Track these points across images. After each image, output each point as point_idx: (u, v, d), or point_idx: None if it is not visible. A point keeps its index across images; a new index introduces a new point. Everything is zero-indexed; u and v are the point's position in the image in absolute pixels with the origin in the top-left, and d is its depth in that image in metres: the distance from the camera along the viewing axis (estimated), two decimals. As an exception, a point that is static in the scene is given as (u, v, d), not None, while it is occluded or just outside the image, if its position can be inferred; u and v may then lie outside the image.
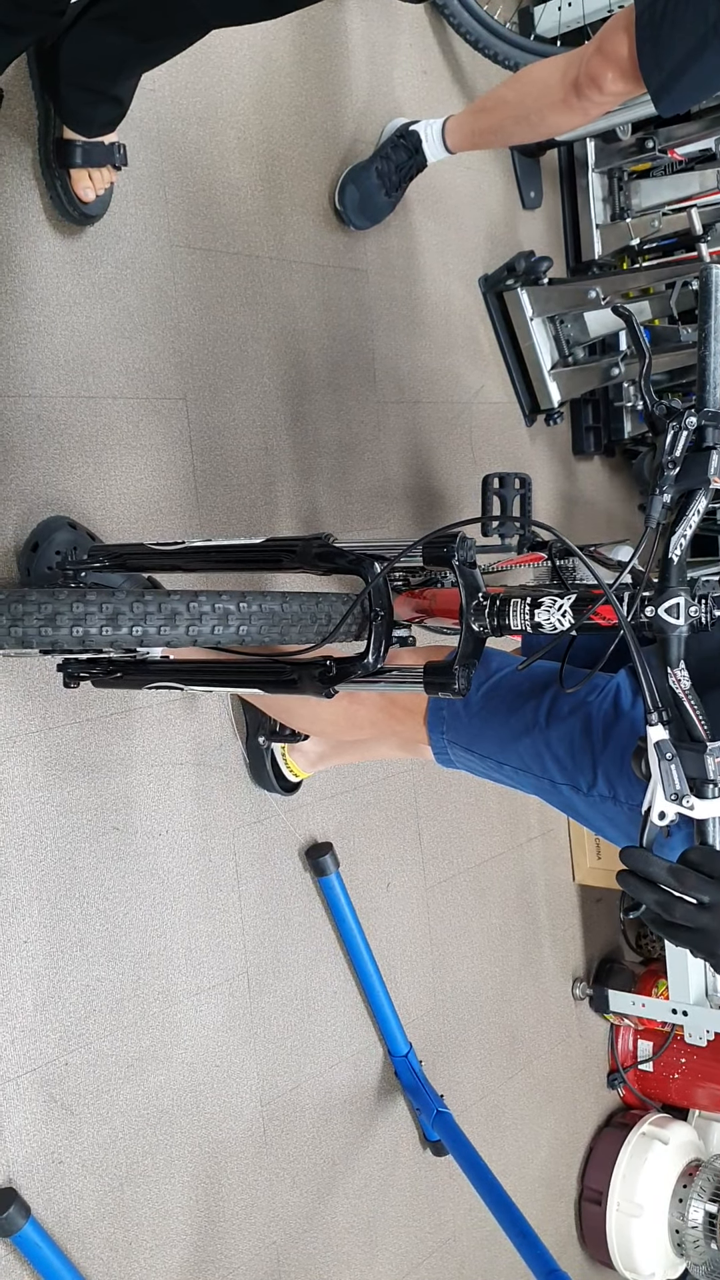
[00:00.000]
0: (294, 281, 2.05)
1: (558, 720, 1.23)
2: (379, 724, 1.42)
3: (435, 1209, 2.36)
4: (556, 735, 1.23)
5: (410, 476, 2.33)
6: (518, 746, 1.27)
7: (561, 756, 1.22)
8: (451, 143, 2.11)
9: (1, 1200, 1.53)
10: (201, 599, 1.09)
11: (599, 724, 1.19)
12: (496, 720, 1.29)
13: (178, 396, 1.83)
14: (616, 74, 1.71)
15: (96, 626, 1.05)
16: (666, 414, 0.99)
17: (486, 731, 1.30)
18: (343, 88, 2.16)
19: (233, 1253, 1.90)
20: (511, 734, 1.27)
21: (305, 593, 1.19)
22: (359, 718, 1.43)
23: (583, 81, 1.77)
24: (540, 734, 1.24)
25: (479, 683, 1.32)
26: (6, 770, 1.58)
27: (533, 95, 1.89)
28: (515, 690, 1.29)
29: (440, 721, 1.34)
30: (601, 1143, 2.88)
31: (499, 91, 1.99)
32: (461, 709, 1.33)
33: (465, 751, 1.33)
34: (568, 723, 1.22)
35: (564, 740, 1.22)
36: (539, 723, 1.25)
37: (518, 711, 1.27)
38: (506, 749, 1.28)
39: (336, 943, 2.12)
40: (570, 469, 2.88)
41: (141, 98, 1.63)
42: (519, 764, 1.27)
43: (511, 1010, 2.62)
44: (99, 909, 1.69)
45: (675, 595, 0.98)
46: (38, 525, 1.60)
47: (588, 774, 1.20)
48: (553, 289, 2.51)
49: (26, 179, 1.61)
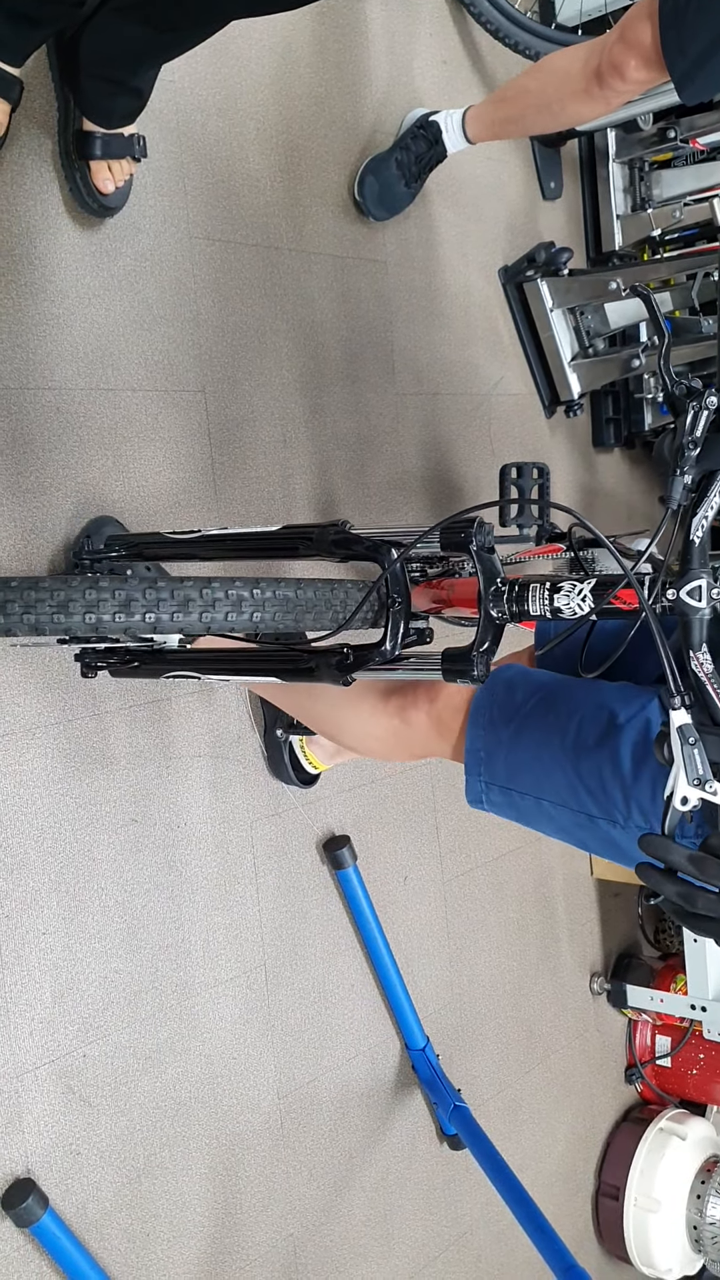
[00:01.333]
0: (313, 273, 2.04)
1: (586, 752, 1.20)
2: (430, 744, 1.40)
3: (452, 1203, 2.36)
4: (586, 768, 1.20)
5: (428, 469, 2.32)
6: (553, 780, 1.24)
7: (594, 789, 1.20)
8: (472, 133, 2.10)
9: (20, 1191, 1.53)
10: (215, 585, 1.08)
11: (628, 759, 1.16)
12: (530, 753, 1.27)
13: (196, 389, 1.83)
14: (639, 62, 1.70)
15: (109, 613, 1.04)
16: (687, 394, 0.98)
17: (521, 767, 1.28)
18: (362, 78, 2.15)
19: (249, 1244, 1.91)
20: (544, 767, 1.25)
21: (320, 579, 1.18)
22: (409, 738, 1.41)
23: (605, 70, 1.75)
24: (571, 767, 1.21)
25: (508, 717, 1.30)
26: (25, 762, 1.58)
27: (554, 84, 1.88)
28: (542, 722, 1.27)
29: (478, 764, 1.32)
30: (619, 1138, 2.87)
31: (520, 81, 1.97)
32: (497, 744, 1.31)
33: (503, 793, 1.31)
34: (595, 756, 1.19)
35: (594, 773, 1.19)
36: (567, 756, 1.22)
37: (548, 745, 1.24)
38: (543, 784, 1.25)
39: (354, 936, 2.11)
40: (590, 461, 2.86)
41: (161, 89, 1.63)
42: (556, 799, 1.25)
43: (529, 1005, 2.61)
44: (117, 901, 1.69)
45: (698, 577, 0.97)
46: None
47: (621, 807, 1.18)
48: (573, 280, 2.50)
49: (46, 171, 1.61)
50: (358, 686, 1.47)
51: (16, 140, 1.56)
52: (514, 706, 1.29)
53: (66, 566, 1.61)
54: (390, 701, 1.42)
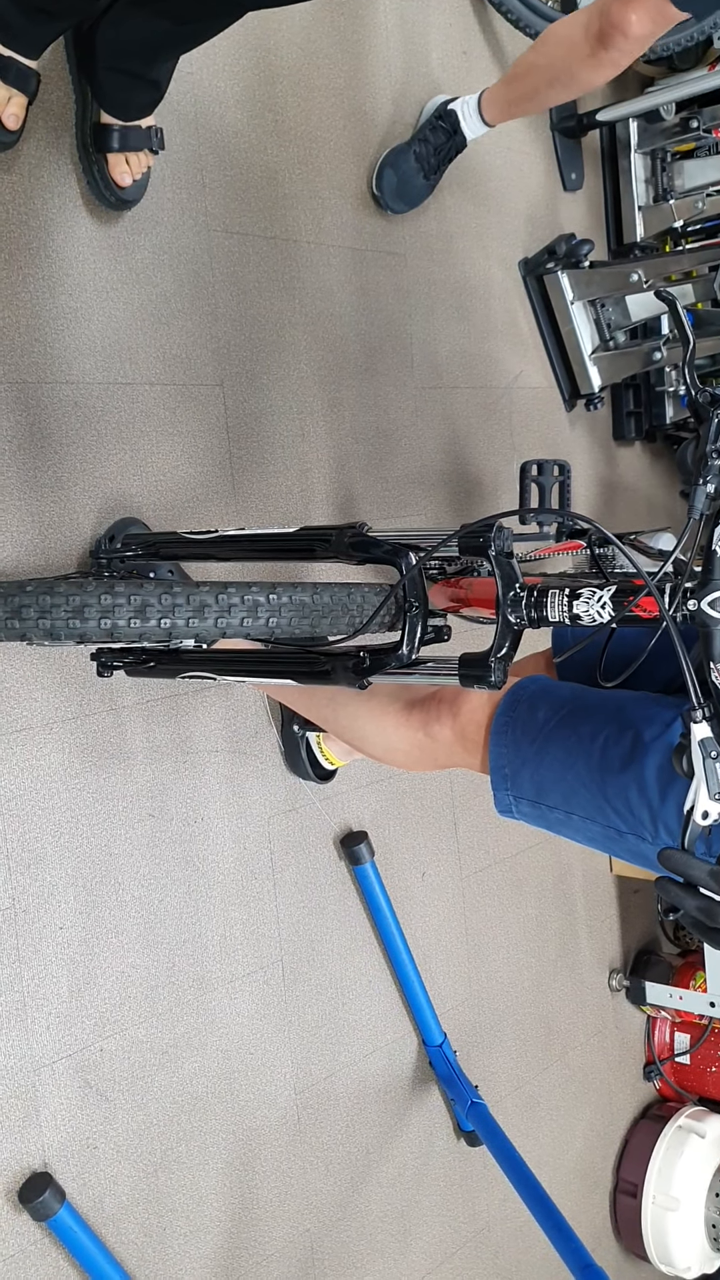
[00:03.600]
0: (331, 266, 2.03)
1: (612, 774, 1.19)
2: (454, 757, 1.39)
3: (469, 1199, 2.36)
4: (614, 790, 1.19)
5: (448, 463, 2.31)
6: (580, 797, 1.24)
7: (621, 810, 1.19)
8: (489, 115, 2.09)
9: (37, 1185, 1.54)
10: (231, 590, 1.08)
11: (654, 782, 1.15)
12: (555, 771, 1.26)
13: (214, 383, 1.82)
14: (642, 13, 1.69)
15: (124, 619, 1.04)
16: (710, 401, 0.97)
17: (547, 783, 1.27)
18: (381, 70, 2.14)
19: (266, 1240, 1.91)
20: (570, 786, 1.24)
21: (337, 583, 1.18)
22: (433, 752, 1.40)
23: (607, 30, 1.74)
24: (597, 788, 1.21)
25: (531, 736, 1.29)
26: (43, 757, 1.58)
27: (560, 55, 1.87)
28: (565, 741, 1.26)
29: (504, 780, 1.31)
30: (637, 1135, 2.86)
31: (527, 57, 1.97)
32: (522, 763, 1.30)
33: (532, 805, 1.30)
34: (621, 778, 1.18)
35: (620, 795, 1.18)
36: (593, 777, 1.21)
37: (573, 766, 1.23)
38: (571, 799, 1.25)
39: (371, 932, 2.11)
40: (611, 455, 2.84)
41: (179, 81, 1.63)
42: (584, 813, 1.24)
43: (547, 1001, 2.61)
44: (134, 896, 1.69)
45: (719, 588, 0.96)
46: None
47: (649, 826, 1.17)
48: (594, 272, 2.48)
49: (63, 164, 1.60)
50: (380, 699, 1.46)
51: (34, 133, 1.56)
52: (536, 725, 1.28)
53: (85, 565, 1.60)
54: (413, 715, 1.41)
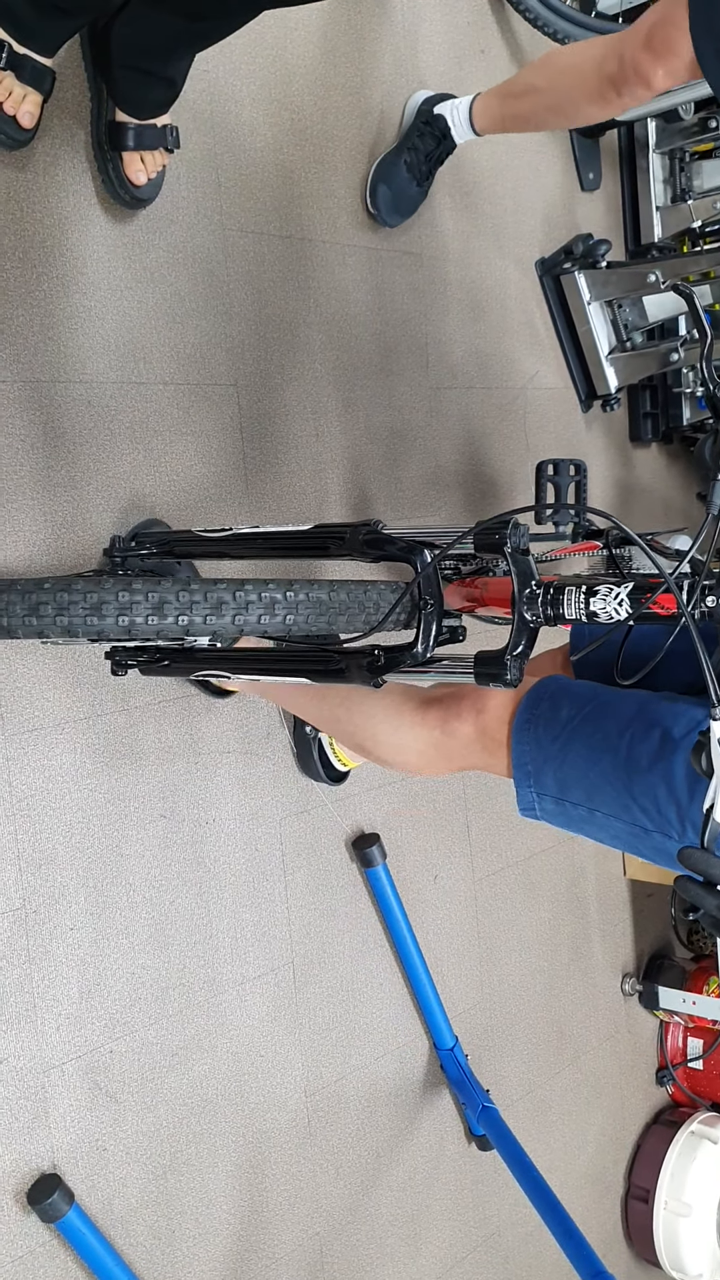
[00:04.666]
0: (347, 265, 2.02)
1: (639, 773, 1.19)
2: (471, 756, 1.38)
3: (480, 1204, 2.35)
4: (640, 788, 1.18)
5: (463, 463, 2.30)
6: (605, 795, 1.23)
7: (648, 808, 1.19)
8: (480, 125, 2.03)
9: (46, 1186, 1.53)
10: (248, 587, 1.07)
11: (682, 780, 1.15)
12: (579, 770, 1.25)
13: (229, 382, 1.82)
14: (667, 71, 1.61)
15: (142, 615, 1.03)
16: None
17: (571, 781, 1.26)
18: (399, 67, 2.13)
19: (276, 1243, 1.90)
20: (595, 785, 1.24)
21: (353, 581, 1.17)
22: (450, 750, 1.38)
23: (628, 77, 1.66)
24: (624, 786, 1.20)
25: (554, 734, 1.28)
26: (55, 757, 1.58)
27: (565, 86, 1.80)
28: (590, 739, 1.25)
29: (526, 778, 1.31)
30: (649, 1140, 2.84)
31: (529, 78, 1.90)
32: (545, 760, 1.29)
33: (555, 804, 1.29)
34: (649, 776, 1.18)
35: (648, 793, 1.18)
36: (619, 774, 1.21)
37: (598, 763, 1.23)
38: (595, 797, 1.24)
39: (383, 934, 2.10)
40: (627, 456, 2.83)
41: (195, 79, 1.62)
42: (609, 810, 1.23)
43: (559, 1005, 2.59)
44: (145, 897, 1.69)
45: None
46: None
47: (677, 825, 1.16)
48: (611, 272, 2.46)
49: (78, 162, 1.60)
50: (395, 698, 1.45)
51: (49, 131, 1.55)
52: (560, 723, 1.27)
53: (101, 564, 1.60)
54: (430, 712, 1.40)
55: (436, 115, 2.05)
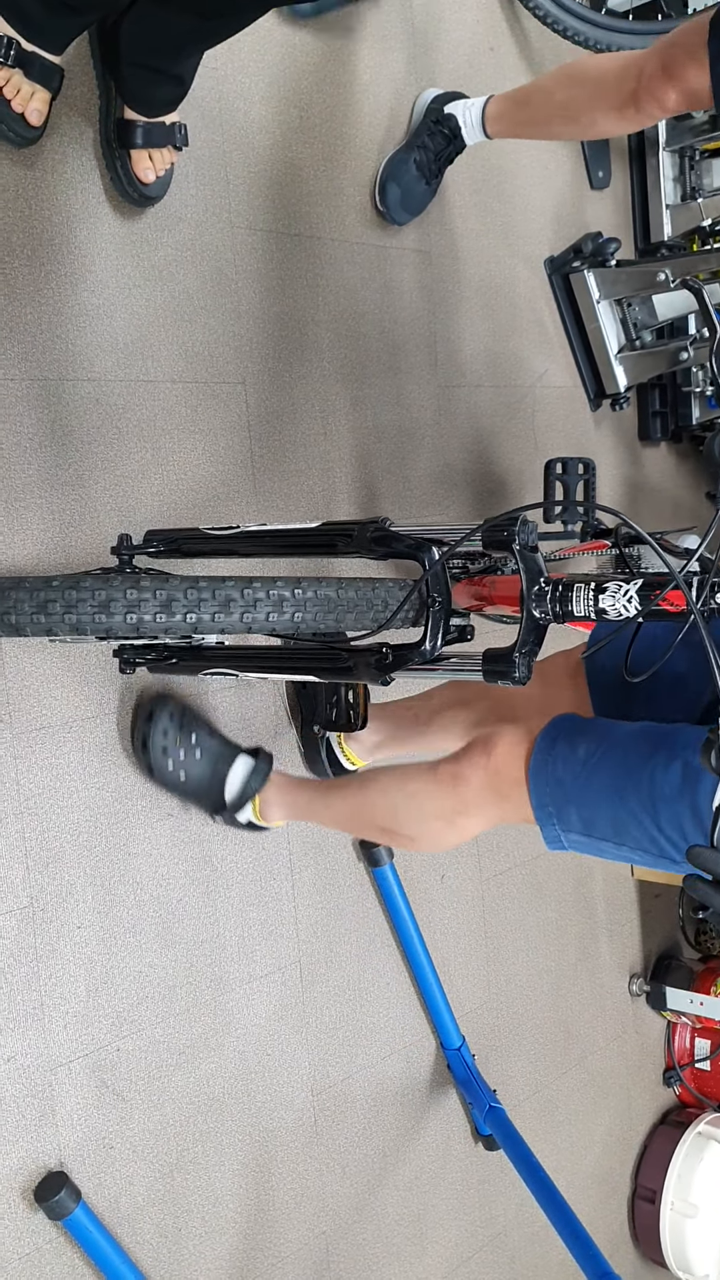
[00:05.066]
0: (356, 263, 2.02)
1: (664, 803, 1.19)
2: (487, 804, 1.37)
3: (486, 1203, 2.34)
4: (666, 819, 1.19)
5: (471, 462, 2.29)
6: (631, 829, 1.23)
7: (675, 839, 1.19)
8: (492, 130, 2.02)
9: (53, 1184, 1.53)
10: (256, 585, 1.07)
11: (709, 810, 1.15)
12: (603, 806, 1.25)
13: (237, 381, 1.82)
14: (684, 99, 1.64)
15: (150, 613, 1.03)
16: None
17: (596, 817, 1.26)
18: (408, 64, 2.12)
19: (282, 1241, 1.90)
20: (620, 820, 1.24)
21: (361, 579, 1.17)
22: (467, 801, 1.38)
23: (644, 98, 1.68)
24: (650, 819, 1.21)
25: (574, 773, 1.28)
26: (62, 756, 1.57)
27: (584, 98, 1.80)
28: (612, 774, 1.25)
29: (549, 817, 1.30)
30: (656, 1141, 2.84)
31: (546, 86, 1.90)
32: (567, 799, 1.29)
33: (582, 836, 1.29)
34: (675, 806, 1.18)
35: (674, 824, 1.18)
36: (644, 808, 1.21)
37: (623, 798, 1.23)
38: (622, 832, 1.25)
39: (390, 934, 2.10)
40: (636, 455, 2.82)
41: (203, 76, 1.61)
42: (636, 844, 1.24)
43: (566, 1005, 2.59)
44: (152, 895, 1.69)
45: None
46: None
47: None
48: (620, 271, 2.46)
49: (87, 160, 1.59)
50: (404, 770, 1.46)
51: (57, 129, 1.55)
52: (579, 760, 1.28)
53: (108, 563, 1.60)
54: (441, 771, 1.41)
55: (448, 115, 2.04)
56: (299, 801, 1.70)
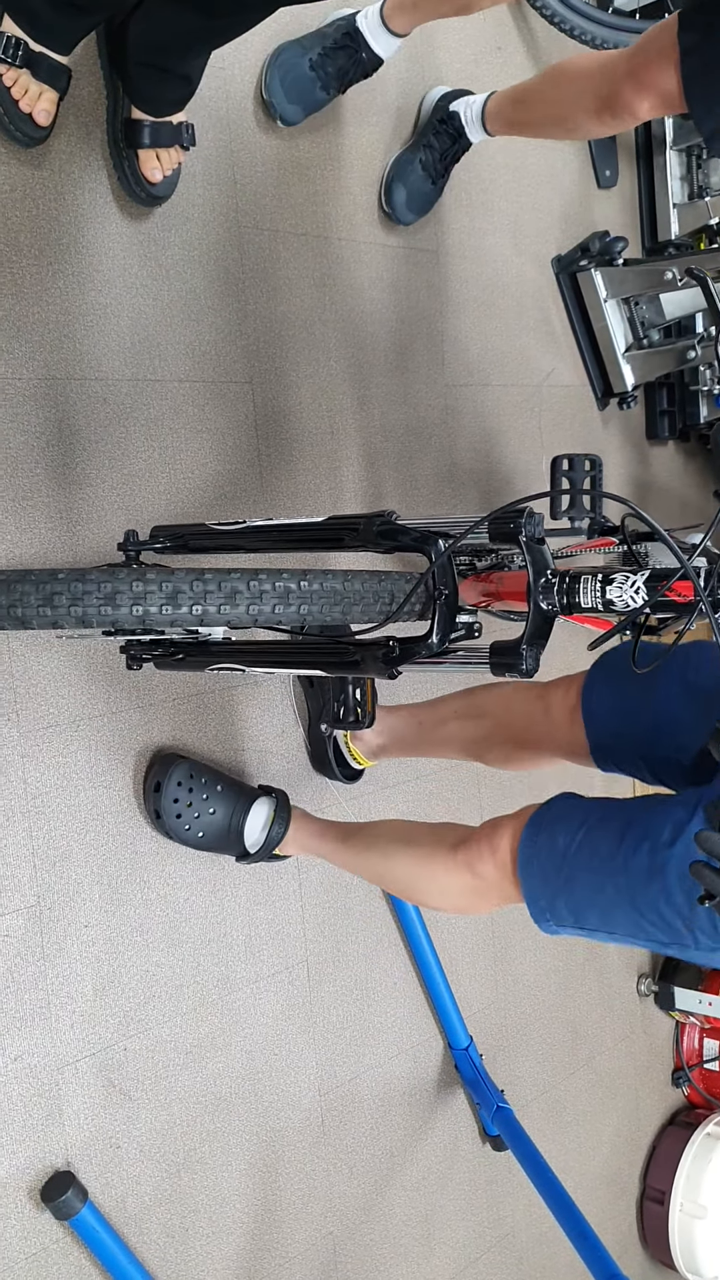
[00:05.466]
0: (363, 263, 2.02)
1: (639, 889, 1.19)
2: (506, 893, 1.37)
3: (494, 1204, 2.33)
4: (645, 904, 1.19)
5: (478, 461, 2.29)
6: (617, 917, 1.23)
7: (657, 922, 1.19)
8: (491, 128, 2.01)
9: (60, 1183, 1.53)
10: (262, 577, 1.07)
11: (679, 892, 1.15)
12: (586, 897, 1.25)
13: (244, 380, 1.82)
14: (655, 104, 1.60)
15: (156, 605, 1.03)
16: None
17: (583, 909, 1.26)
18: (414, 64, 2.12)
19: (289, 1241, 1.89)
20: (606, 910, 1.24)
21: (368, 571, 1.16)
22: (483, 890, 1.39)
23: (615, 105, 1.66)
24: (630, 905, 1.20)
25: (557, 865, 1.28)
26: (70, 754, 1.57)
27: (568, 101, 1.78)
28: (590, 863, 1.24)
29: (542, 912, 1.31)
30: (665, 1141, 2.83)
31: (538, 86, 1.89)
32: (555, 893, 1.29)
33: (576, 929, 1.30)
34: (648, 891, 1.18)
35: (652, 908, 1.18)
36: (623, 895, 1.21)
37: (603, 888, 1.23)
38: (610, 921, 1.25)
39: (397, 933, 2.09)
40: (644, 454, 2.81)
41: (211, 76, 1.62)
42: (625, 931, 1.24)
43: (574, 1005, 2.58)
44: (159, 894, 1.69)
45: None
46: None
47: (686, 935, 1.16)
48: (628, 270, 2.46)
49: (94, 160, 1.60)
50: (426, 846, 1.47)
51: (65, 129, 1.55)
52: (559, 853, 1.28)
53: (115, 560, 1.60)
54: (458, 855, 1.41)
55: (452, 113, 2.03)
56: (319, 850, 1.72)
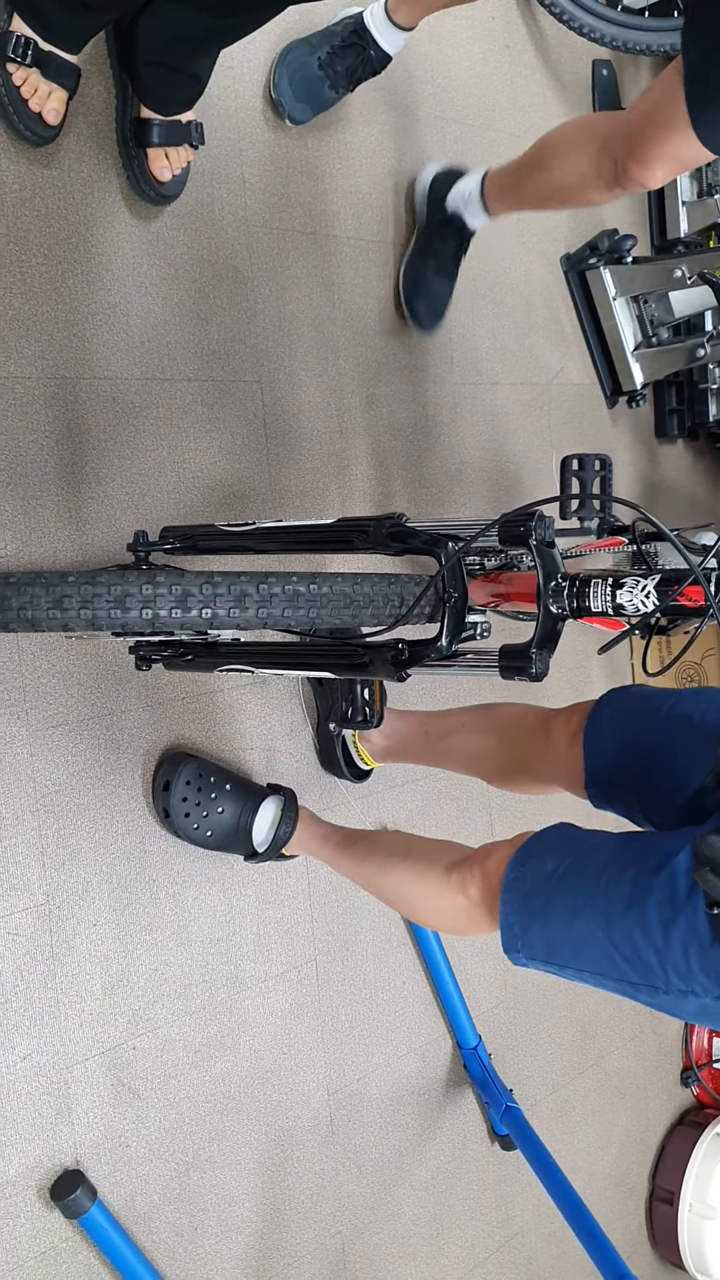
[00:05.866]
0: (371, 261, 2.02)
1: (615, 917, 1.17)
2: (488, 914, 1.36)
3: (503, 1203, 2.33)
4: (619, 934, 1.16)
5: (486, 460, 2.29)
6: (589, 950, 1.21)
7: (629, 956, 1.16)
8: (495, 211, 1.96)
9: (69, 1182, 1.53)
10: (271, 580, 1.06)
11: (656, 921, 1.13)
12: (563, 922, 1.23)
13: (253, 379, 1.81)
14: (667, 169, 1.53)
15: (166, 608, 1.03)
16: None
17: (558, 939, 1.24)
18: (422, 62, 2.12)
19: (298, 1241, 1.90)
20: (579, 938, 1.21)
21: (377, 574, 1.16)
22: (475, 913, 1.38)
23: (624, 181, 1.60)
24: (603, 933, 1.18)
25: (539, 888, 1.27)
26: (78, 753, 1.58)
27: (573, 183, 1.71)
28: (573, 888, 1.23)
29: (514, 940, 1.30)
30: (674, 1141, 2.82)
31: (534, 168, 1.81)
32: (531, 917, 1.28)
33: (544, 962, 1.28)
34: (625, 920, 1.16)
35: (627, 939, 1.16)
36: (599, 922, 1.19)
37: (580, 914, 1.21)
38: (581, 956, 1.22)
39: (406, 932, 2.09)
40: (653, 453, 2.81)
41: (219, 75, 1.62)
42: (596, 968, 1.21)
43: (583, 1005, 2.58)
44: (168, 893, 1.69)
45: None
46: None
47: (659, 972, 1.14)
48: (637, 268, 2.45)
49: (103, 159, 1.60)
50: (423, 863, 1.47)
51: (74, 128, 1.55)
52: (545, 876, 1.26)
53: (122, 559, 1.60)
54: (452, 876, 1.41)
55: (452, 214, 1.99)
56: (320, 854, 1.72)
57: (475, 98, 2.24)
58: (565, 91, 2.48)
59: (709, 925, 1.06)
